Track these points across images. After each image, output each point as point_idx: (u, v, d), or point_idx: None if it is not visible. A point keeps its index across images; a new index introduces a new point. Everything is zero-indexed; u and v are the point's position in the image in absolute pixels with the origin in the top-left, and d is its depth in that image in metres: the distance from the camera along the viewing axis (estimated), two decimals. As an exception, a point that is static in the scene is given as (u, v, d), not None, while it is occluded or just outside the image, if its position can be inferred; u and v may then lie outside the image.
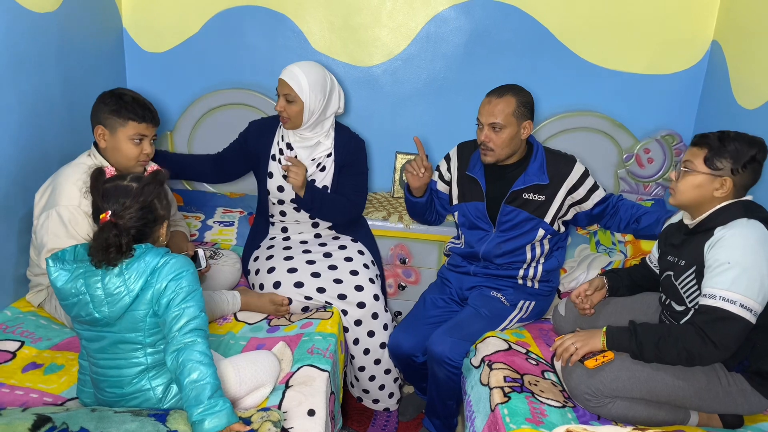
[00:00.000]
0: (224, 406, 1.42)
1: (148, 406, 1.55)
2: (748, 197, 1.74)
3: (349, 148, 2.48)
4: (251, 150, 2.52)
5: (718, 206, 1.72)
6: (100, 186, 1.48)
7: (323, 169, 2.45)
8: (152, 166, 1.58)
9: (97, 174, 1.49)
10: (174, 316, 1.46)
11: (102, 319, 1.47)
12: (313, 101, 2.32)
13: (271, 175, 2.48)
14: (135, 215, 1.48)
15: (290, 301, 2.27)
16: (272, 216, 2.57)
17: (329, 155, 2.46)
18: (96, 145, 2.04)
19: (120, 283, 1.46)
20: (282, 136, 2.47)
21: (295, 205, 2.48)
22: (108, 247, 1.43)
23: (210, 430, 1.38)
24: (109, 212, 1.45)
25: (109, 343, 1.51)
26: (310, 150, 2.44)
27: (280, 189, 2.47)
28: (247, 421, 1.52)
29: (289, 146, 2.44)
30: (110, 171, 1.53)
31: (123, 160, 2.01)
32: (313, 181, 2.43)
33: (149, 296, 1.48)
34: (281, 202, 2.50)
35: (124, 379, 1.53)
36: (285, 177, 2.39)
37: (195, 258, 2.13)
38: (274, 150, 2.48)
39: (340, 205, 2.46)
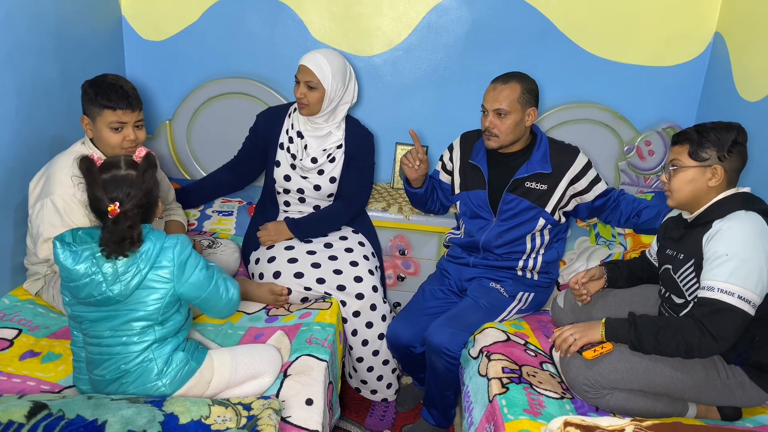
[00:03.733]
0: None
1: (146, 379, 1.55)
2: (746, 189, 1.74)
3: (360, 142, 2.48)
4: (261, 140, 2.51)
5: (716, 198, 1.72)
6: (97, 177, 1.48)
7: (333, 160, 2.45)
8: (140, 149, 1.57)
9: (89, 164, 1.48)
10: (216, 286, 1.62)
11: (114, 297, 1.49)
12: (334, 89, 2.33)
13: (278, 164, 2.47)
14: (139, 203, 1.50)
15: (290, 291, 2.27)
16: (276, 206, 2.57)
17: (340, 146, 2.45)
18: None
19: (131, 262, 1.49)
20: (292, 125, 2.47)
21: (301, 196, 2.47)
22: (123, 240, 1.47)
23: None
24: (117, 204, 1.46)
25: (121, 321, 1.52)
26: (320, 140, 2.44)
27: (287, 178, 2.46)
28: (247, 407, 1.53)
29: (300, 134, 2.44)
30: (98, 159, 1.52)
31: (108, 149, 1.99)
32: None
33: (166, 275, 1.53)
34: (286, 191, 2.50)
35: (129, 355, 1.54)
36: (292, 166, 2.43)
37: None
38: (283, 138, 2.47)
39: (336, 216, 2.50)
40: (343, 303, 2.29)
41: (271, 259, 2.35)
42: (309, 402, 1.70)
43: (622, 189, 2.66)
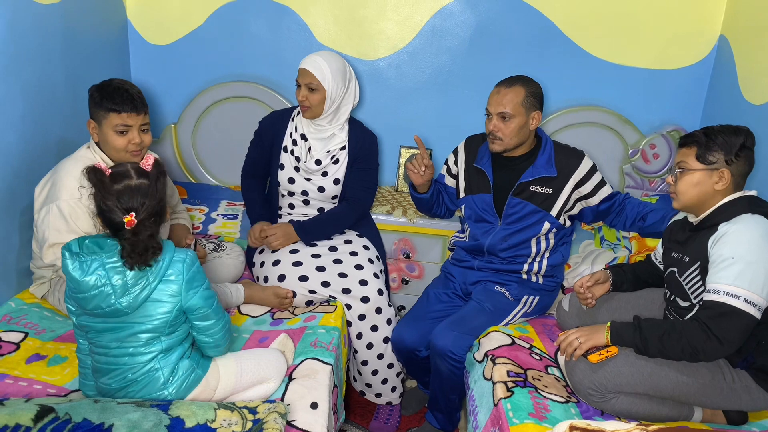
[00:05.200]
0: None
1: (153, 388, 1.56)
2: (752, 192, 1.73)
3: (363, 143, 2.49)
4: (267, 144, 2.52)
5: (721, 201, 1.72)
6: (110, 188, 1.47)
7: (336, 161, 2.46)
8: (148, 157, 1.57)
9: (100, 175, 1.47)
10: (214, 310, 1.61)
11: (122, 310, 1.48)
12: (335, 89, 2.34)
13: (282, 167, 2.48)
14: (153, 212, 1.49)
15: (294, 294, 2.27)
16: (280, 209, 2.57)
17: (343, 148, 2.46)
18: None
19: (141, 275, 1.49)
20: (295, 128, 2.47)
21: (305, 198, 2.48)
22: (147, 250, 1.47)
23: None
24: (134, 214, 1.45)
25: (128, 333, 1.52)
26: (324, 142, 2.45)
27: (291, 181, 2.47)
28: (253, 411, 1.53)
29: (304, 137, 2.44)
30: (106, 168, 1.51)
31: (113, 152, 2.00)
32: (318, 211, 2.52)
33: (174, 289, 1.52)
34: (291, 194, 2.50)
35: (136, 366, 1.54)
36: (296, 168, 2.44)
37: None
38: (286, 141, 2.48)
39: (341, 218, 2.50)
40: (348, 306, 2.29)
41: (276, 263, 2.36)
42: (314, 405, 1.70)
43: (627, 192, 2.65)
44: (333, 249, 2.43)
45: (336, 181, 2.47)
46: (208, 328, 1.61)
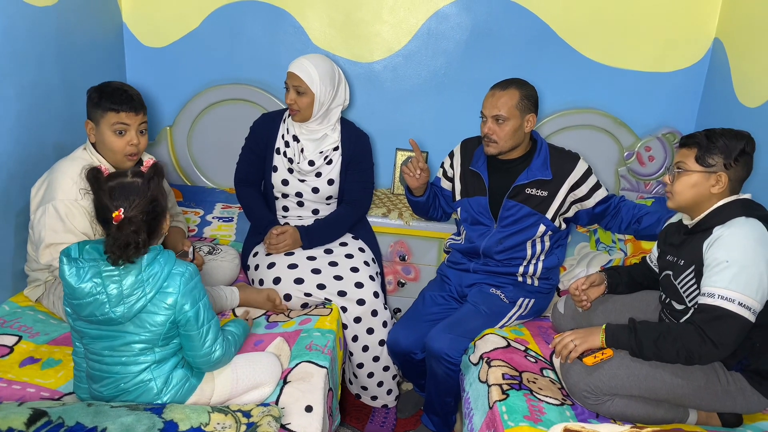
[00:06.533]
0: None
1: (146, 398, 1.55)
2: (747, 195, 1.73)
3: (356, 144, 2.49)
4: (260, 146, 2.51)
5: (716, 204, 1.72)
6: (104, 185, 1.47)
7: (330, 162, 2.46)
8: (148, 159, 1.57)
9: (96, 174, 1.48)
10: (201, 333, 1.56)
11: (116, 319, 1.47)
12: (323, 92, 2.34)
13: (275, 169, 2.48)
14: (144, 210, 1.49)
15: (290, 297, 2.27)
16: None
17: (336, 148, 2.46)
18: None
19: (138, 285, 1.48)
20: (287, 129, 2.47)
21: (299, 200, 2.48)
22: (128, 245, 1.45)
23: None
24: (122, 209, 1.45)
25: (121, 342, 1.51)
26: (317, 143, 2.45)
27: (285, 182, 2.47)
28: (247, 414, 1.53)
29: (296, 138, 2.44)
30: (105, 169, 1.52)
31: (110, 154, 2.00)
32: (317, 212, 2.52)
33: (170, 302, 1.50)
34: (285, 196, 2.50)
35: (128, 375, 1.53)
36: (290, 170, 2.43)
37: (186, 254, 2.15)
38: (279, 143, 2.48)
39: (343, 220, 2.50)
40: (344, 309, 2.29)
41: (271, 265, 2.35)
42: (308, 409, 1.70)
43: (622, 195, 2.66)
44: (328, 251, 2.43)
45: (330, 182, 2.47)
46: (189, 348, 1.59)
